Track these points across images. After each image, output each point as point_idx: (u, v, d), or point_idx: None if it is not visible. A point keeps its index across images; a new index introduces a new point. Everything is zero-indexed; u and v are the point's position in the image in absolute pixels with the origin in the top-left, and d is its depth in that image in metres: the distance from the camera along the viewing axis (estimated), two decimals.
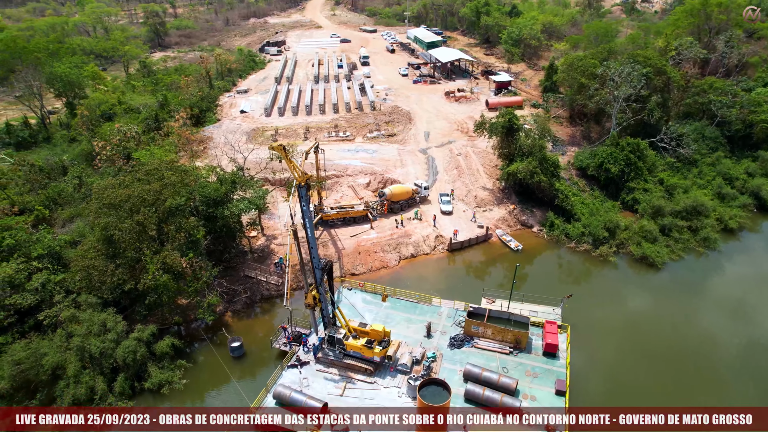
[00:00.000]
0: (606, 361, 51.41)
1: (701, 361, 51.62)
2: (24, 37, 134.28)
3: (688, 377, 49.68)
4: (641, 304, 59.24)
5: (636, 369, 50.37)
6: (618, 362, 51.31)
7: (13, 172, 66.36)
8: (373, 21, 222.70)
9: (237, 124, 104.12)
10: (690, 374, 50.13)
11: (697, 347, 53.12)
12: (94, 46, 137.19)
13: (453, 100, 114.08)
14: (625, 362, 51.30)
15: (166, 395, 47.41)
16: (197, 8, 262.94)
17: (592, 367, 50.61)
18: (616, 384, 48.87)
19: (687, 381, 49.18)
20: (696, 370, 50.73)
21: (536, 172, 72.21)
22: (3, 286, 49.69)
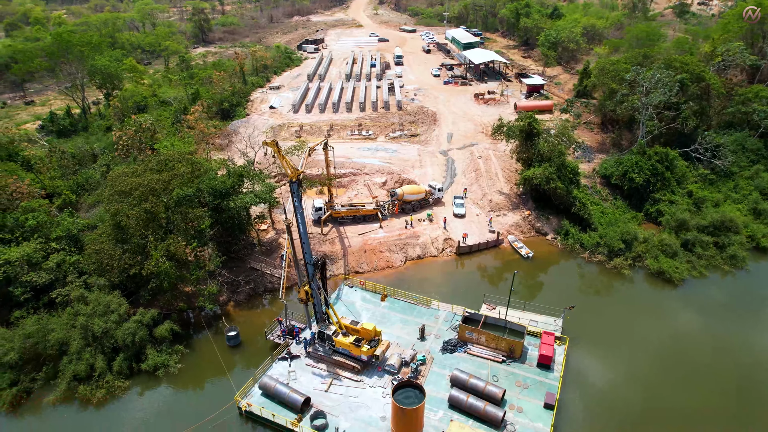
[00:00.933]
0: (604, 379, 49.37)
1: (708, 392, 47.82)
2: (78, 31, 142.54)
3: (690, 410, 45.90)
4: (651, 322, 56.52)
5: (634, 391, 47.98)
6: (616, 381, 49.15)
7: (47, 158, 70.36)
8: (414, 21, 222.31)
9: (264, 119, 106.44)
10: (694, 407, 46.16)
11: (705, 374, 49.96)
12: (141, 41, 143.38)
13: (481, 102, 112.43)
14: (624, 382, 49.07)
15: (161, 377, 49.18)
16: (245, 5, 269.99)
17: (588, 384, 48.76)
18: (609, 405, 46.72)
19: (689, 414, 45.72)
20: (702, 401, 47.03)
21: (552, 178, 70.22)
22: (21, 264, 52.85)
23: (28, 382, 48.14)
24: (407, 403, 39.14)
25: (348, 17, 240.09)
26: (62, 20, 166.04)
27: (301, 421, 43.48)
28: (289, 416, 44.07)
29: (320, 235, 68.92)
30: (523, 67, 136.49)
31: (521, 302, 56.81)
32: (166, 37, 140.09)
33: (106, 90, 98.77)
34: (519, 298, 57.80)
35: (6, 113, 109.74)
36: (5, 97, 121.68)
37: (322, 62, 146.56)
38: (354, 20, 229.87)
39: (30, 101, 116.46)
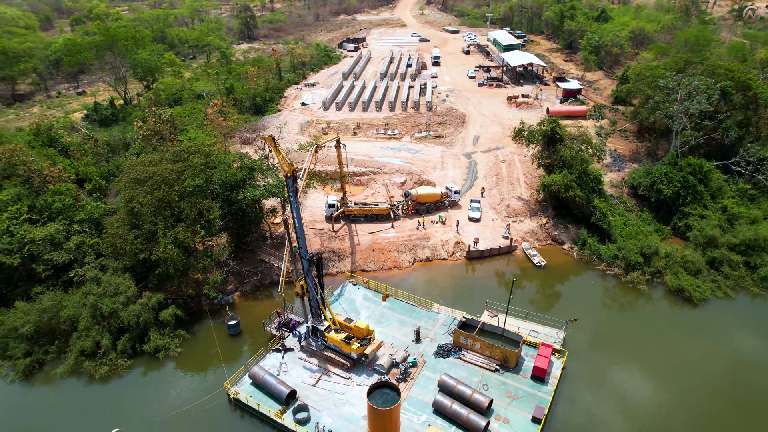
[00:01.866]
0: (600, 399, 47.32)
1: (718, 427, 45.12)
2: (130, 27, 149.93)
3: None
4: (662, 342, 53.66)
5: (630, 416, 45.67)
6: (613, 402, 47.01)
7: (81, 146, 74.49)
8: (459, 22, 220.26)
9: (295, 116, 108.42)
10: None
11: (717, 405, 47.07)
12: (188, 37, 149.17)
13: (514, 105, 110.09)
14: (621, 404, 46.84)
15: (161, 360, 51.13)
16: (294, 3, 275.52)
17: (582, 401, 46.88)
18: (599, 426, 44.71)
19: None
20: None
21: (572, 186, 67.93)
22: (45, 243, 56.24)
23: (41, 354, 51.19)
24: (383, 403, 38.96)
25: (393, 17, 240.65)
26: (119, 16, 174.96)
27: (284, 413, 44.16)
28: (274, 407, 44.83)
29: (331, 231, 69.58)
30: (563, 71, 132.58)
31: (524, 311, 55.35)
32: (208, 33, 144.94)
33: (146, 82, 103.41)
34: (523, 307, 56.39)
35: (60, 102, 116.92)
36: (61, 87, 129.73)
37: (359, 61, 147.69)
38: (399, 20, 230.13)
39: (82, 91, 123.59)
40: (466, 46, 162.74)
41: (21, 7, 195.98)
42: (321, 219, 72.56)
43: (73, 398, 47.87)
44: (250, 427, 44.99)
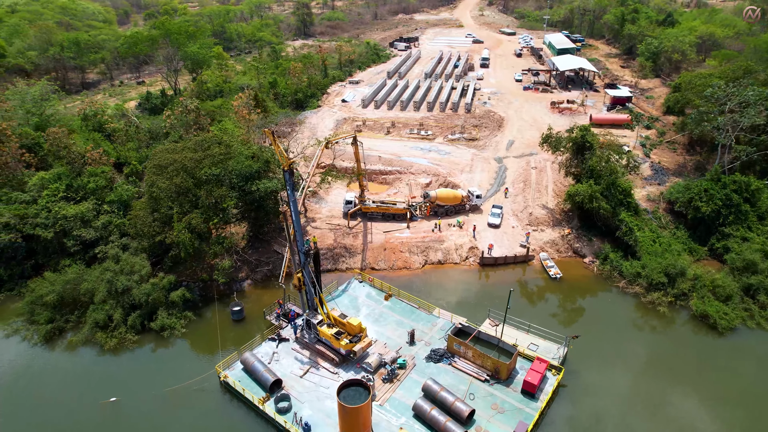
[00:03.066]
0: (595, 422, 44.97)
1: None
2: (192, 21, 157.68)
3: None
4: (674, 370, 50.19)
5: None
6: (609, 429, 44.59)
7: (123, 131, 79.44)
8: (518, 24, 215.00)
9: (333, 112, 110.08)
10: None
11: None
12: (244, 32, 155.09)
13: (557, 111, 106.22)
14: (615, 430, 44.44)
15: (166, 338, 53.73)
16: (356, 1, 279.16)
17: (574, 422, 44.76)
18: None
19: None
20: None
21: (596, 197, 64.77)
22: (76, 220, 60.57)
23: (62, 322, 55.17)
24: (354, 401, 38.97)
25: (452, 17, 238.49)
26: (186, 11, 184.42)
27: (266, 401, 45.19)
28: (259, 393, 45.99)
29: (346, 228, 70.20)
30: (616, 78, 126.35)
31: (526, 324, 53.50)
32: (261, 29, 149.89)
33: (195, 74, 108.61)
34: (528, 319, 54.56)
35: (120, 91, 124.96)
36: (124, 77, 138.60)
37: (407, 60, 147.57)
38: (457, 20, 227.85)
39: (141, 81, 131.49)
40: (518, 48, 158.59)
41: (103, 3, 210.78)
42: (339, 215, 73.34)
43: (83, 365, 51.26)
44: (236, 410, 46.36)
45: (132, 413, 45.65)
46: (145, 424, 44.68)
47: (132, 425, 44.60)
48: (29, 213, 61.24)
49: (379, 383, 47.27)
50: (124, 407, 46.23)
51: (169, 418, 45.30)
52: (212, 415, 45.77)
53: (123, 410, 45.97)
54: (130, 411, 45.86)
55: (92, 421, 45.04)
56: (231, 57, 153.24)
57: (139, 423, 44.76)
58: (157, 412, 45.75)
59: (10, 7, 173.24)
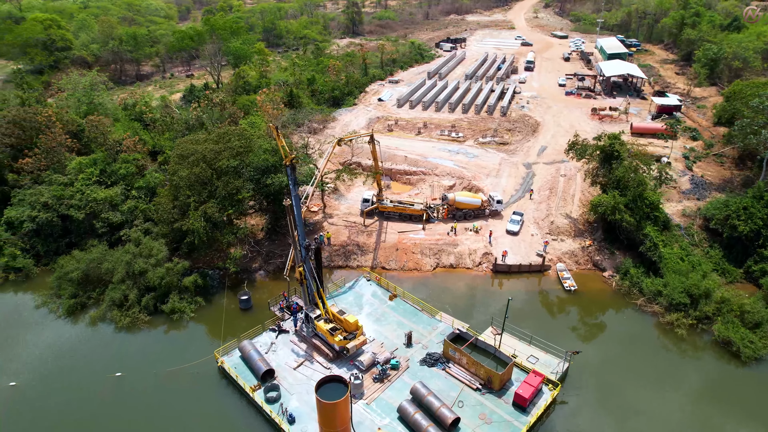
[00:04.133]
0: None
1: None
2: (244, 17, 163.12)
3: None
4: (684, 395, 47.25)
5: None
6: None
7: (160, 121, 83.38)
8: (572, 27, 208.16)
9: (368, 110, 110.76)
10: None
11: None
12: (293, 29, 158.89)
13: (597, 118, 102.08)
14: None
15: (175, 321, 56.03)
16: (410, 1, 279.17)
17: None
18: None
19: None
20: None
21: (619, 209, 61.82)
22: (105, 203, 64.24)
23: (84, 298, 58.64)
24: (332, 397, 39.16)
25: (505, 18, 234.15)
26: (240, 7, 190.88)
27: (257, 389, 46.25)
28: (251, 381, 47.14)
29: (361, 225, 70.53)
30: (667, 85, 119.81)
31: (529, 335, 51.93)
32: (306, 26, 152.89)
33: (237, 69, 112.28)
34: (533, 330, 53.01)
35: (170, 83, 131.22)
36: (176, 70, 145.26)
37: (450, 61, 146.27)
38: (509, 22, 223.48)
39: (191, 74, 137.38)
40: (567, 52, 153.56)
41: (167, 0, 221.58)
42: (357, 212, 73.76)
43: (98, 340, 54.32)
44: (230, 396, 47.66)
45: (132, 389, 47.96)
46: (142, 401, 46.78)
47: (130, 400, 46.80)
48: (66, 195, 65.50)
49: (369, 382, 47.30)
50: (127, 382, 48.64)
51: (166, 398, 47.19)
52: (206, 398, 47.29)
53: (125, 385, 48.38)
54: (131, 386, 48.19)
55: (96, 392, 47.59)
56: (279, 53, 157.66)
57: (137, 399, 46.93)
58: (156, 390, 47.79)
59: (83, 2, 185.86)
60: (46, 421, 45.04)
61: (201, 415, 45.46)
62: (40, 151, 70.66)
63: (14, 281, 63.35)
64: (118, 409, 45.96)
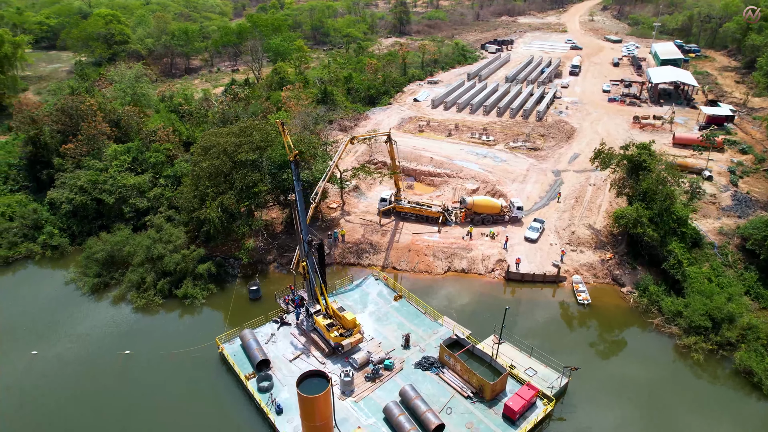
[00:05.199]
0: None
1: None
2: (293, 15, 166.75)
3: None
4: (691, 427, 44.46)
5: None
6: None
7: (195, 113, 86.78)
8: (629, 30, 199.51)
9: (402, 110, 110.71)
10: None
11: None
12: (338, 27, 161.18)
13: (638, 127, 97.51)
14: None
15: (186, 306, 58.28)
16: (463, 2, 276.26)
17: None
18: None
19: None
20: None
21: (641, 222, 58.83)
22: (133, 190, 67.64)
23: (107, 278, 61.96)
24: (314, 392, 39.48)
25: (558, 21, 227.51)
26: (291, 4, 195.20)
27: (251, 378, 47.40)
28: (247, 370, 48.37)
29: (377, 224, 70.67)
30: (723, 94, 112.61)
31: (530, 347, 50.44)
32: (350, 25, 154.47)
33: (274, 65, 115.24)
34: (538, 342, 51.55)
35: (216, 77, 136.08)
36: (223, 65, 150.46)
37: (493, 63, 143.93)
38: (561, 24, 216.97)
39: (236, 69, 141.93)
40: (617, 57, 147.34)
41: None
42: (375, 211, 73.80)
43: (115, 318, 57.26)
44: (226, 382, 48.97)
45: (138, 367, 50.30)
46: (144, 379, 48.94)
47: (133, 377, 49.10)
48: (100, 180, 69.49)
49: (361, 380, 47.44)
50: (134, 361, 51.09)
51: (166, 378, 49.09)
52: (204, 382, 48.84)
53: (131, 362, 50.82)
54: (136, 365, 50.57)
55: (106, 366, 50.28)
56: (324, 51, 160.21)
57: (139, 376, 49.18)
58: (158, 370, 49.87)
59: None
60: (61, 390, 47.95)
61: (196, 398, 47.02)
62: (83, 138, 75.22)
63: (50, 257, 67.82)
64: (121, 384, 48.35)
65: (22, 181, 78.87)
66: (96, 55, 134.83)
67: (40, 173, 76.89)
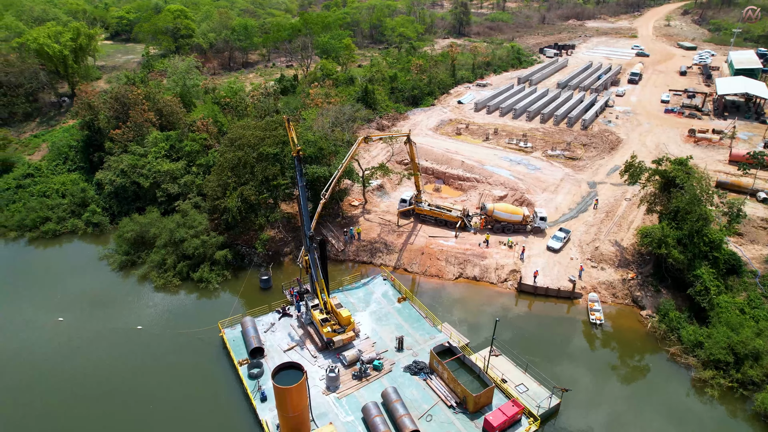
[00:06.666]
0: None
1: None
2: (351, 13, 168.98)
3: None
4: None
5: None
6: None
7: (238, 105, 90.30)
8: (709, 37, 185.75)
9: (444, 112, 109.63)
10: None
11: None
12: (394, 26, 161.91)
13: (692, 141, 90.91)
14: None
15: (201, 289, 61.03)
16: (531, 4, 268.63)
17: None
18: None
19: None
20: None
21: (666, 243, 54.93)
22: (166, 175, 71.56)
23: (134, 257, 65.99)
24: (288, 383, 40.16)
25: (630, 26, 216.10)
26: (353, 2, 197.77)
27: (243, 364, 48.96)
28: (241, 356, 50.01)
29: (394, 225, 70.53)
30: None
31: (525, 362, 48.63)
32: (403, 25, 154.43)
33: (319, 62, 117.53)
34: (535, 358, 49.66)
35: (269, 72, 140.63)
36: (279, 61, 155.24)
37: (547, 67, 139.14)
38: (633, 29, 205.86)
39: (290, 65, 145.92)
40: (686, 65, 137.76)
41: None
42: (395, 211, 73.74)
43: (135, 295, 60.99)
44: (222, 365, 50.84)
45: (144, 342, 53.35)
46: (148, 354, 51.80)
47: (139, 351, 52.11)
48: (139, 164, 74.05)
49: (348, 378, 47.73)
50: (142, 335, 54.23)
51: (168, 355, 51.71)
52: (202, 362, 50.90)
53: (140, 337, 53.97)
54: (144, 340, 53.66)
55: (118, 338, 53.74)
56: (379, 50, 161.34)
57: (144, 351, 52.12)
58: (162, 347, 52.63)
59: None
60: (76, 355, 51.81)
61: (191, 376, 49.15)
62: (131, 124, 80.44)
63: (91, 234, 73.13)
64: (127, 356, 51.43)
65: (79, 162, 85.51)
66: (163, 47, 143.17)
67: (93, 155, 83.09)
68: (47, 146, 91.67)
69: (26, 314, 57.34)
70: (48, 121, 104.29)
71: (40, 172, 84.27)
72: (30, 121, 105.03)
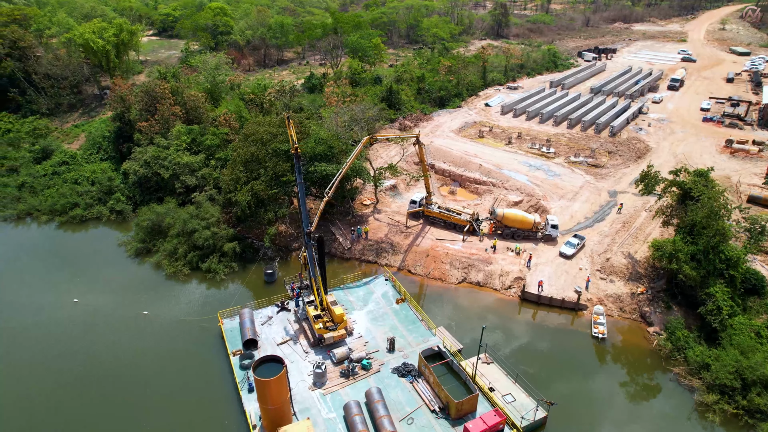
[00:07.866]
0: None
1: None
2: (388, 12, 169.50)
3: None
4: None
5: None
6: None
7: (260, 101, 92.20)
8: (767, 41, 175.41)
9: (469, 114, 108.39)
10: None
11: None
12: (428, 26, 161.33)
13: (728, 152, 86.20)
14: None
15: (207, 279, 62.86)
16: (577, 6, 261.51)
17: None
18: None
19: None
20: None
21: (677, 258, 52.38)
22: (185, 168, 74.00)
23: (149, 245, 68.62)
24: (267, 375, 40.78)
25: (681, 29, 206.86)
26: (390, 2, 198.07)
27: (236, 355, 50.13)
28: (236, 346, 51.21)
29: (402, 225, 70.33)
30: None
31: (515, 372, 47.57)
32: (437, 25, 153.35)
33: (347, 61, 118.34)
34: (530, 369, 48.69)
35: (302, 69, 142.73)
36: (313, 59, 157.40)
37: (583, 71, 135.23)
38: (683, 33, 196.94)
39: (323, 63, 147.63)
40: (734, 72, 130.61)
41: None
42: (405, 212, 73.53)
43: (147, 282, 63.44)
44: (218, 354, 52.14)
45: (148, 327, 55.45)
46: (151, 338, 53.82)
47: (143, 335, 54.23)
48: (162, 156, 76.89)
49: (336, 375, 48.06)
50: (147, 320, 56.36)
51: (168, 341, 53.56)
52: (200, 350, 52.40)
53: (145, 322, 56.11)
54: (148, 325, 55.76)
55: (127, 321, 56.09)
56: (413, 50, 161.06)
57: (147, 335, 54.19)
58: (163, 333, 54.57)
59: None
60: (84, 336, 54.45)
61: (187, 363, 50.63)
62: (158, 117, 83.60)
63: (113, 221, 76.58)
64: (131, 340, 53.60)
65: (110, 152, 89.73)
66: (202, 43, 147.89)
67: (122, 146, 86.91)
68: (85, 136, 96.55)
69: (48, 295, 60.62)
70: (89, 112, 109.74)
71: (75, 160, 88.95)
72: (73, 112, 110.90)
